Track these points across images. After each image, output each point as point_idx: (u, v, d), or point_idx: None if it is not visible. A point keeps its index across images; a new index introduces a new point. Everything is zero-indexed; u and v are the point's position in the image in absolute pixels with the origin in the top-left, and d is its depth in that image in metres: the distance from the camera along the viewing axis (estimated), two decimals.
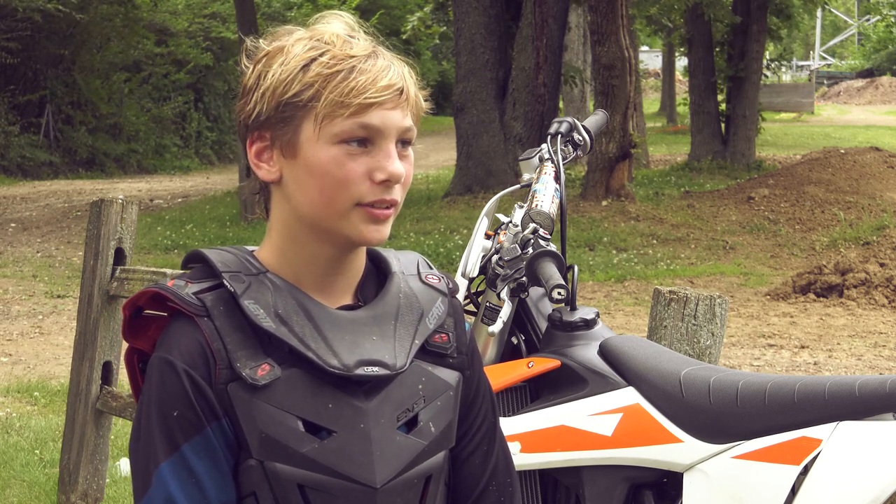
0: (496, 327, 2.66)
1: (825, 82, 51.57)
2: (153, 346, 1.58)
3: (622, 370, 2.56)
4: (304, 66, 1.53)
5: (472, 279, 2.75)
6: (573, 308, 2.68)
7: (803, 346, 8.76)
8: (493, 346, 2.76)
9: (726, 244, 13.59)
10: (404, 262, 1.69)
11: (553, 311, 2.71)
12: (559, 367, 2.61)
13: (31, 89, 23.14)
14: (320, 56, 1.54)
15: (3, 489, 5.15)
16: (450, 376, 1.65)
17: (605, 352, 2.60)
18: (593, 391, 2.56)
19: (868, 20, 55.41)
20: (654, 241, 13.50)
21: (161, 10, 25.96)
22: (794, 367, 8.10)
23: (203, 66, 26.44)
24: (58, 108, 23.56)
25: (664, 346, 2.86)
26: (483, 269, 2.74)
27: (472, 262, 2.74)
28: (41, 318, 9.92)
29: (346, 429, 1.54)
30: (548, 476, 2.65)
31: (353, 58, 1.54)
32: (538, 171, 2.91)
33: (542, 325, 2.75)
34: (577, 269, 2.74)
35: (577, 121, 3.06)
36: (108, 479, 4.95)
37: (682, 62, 33.26)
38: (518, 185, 3.00)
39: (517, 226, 2.73)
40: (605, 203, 14.63)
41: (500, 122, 15.90)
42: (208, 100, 27.61)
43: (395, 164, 1.55)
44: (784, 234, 14.01)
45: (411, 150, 1.59)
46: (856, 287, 10.49)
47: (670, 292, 2.99)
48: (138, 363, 1.62)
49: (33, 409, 6.76)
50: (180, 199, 18.47)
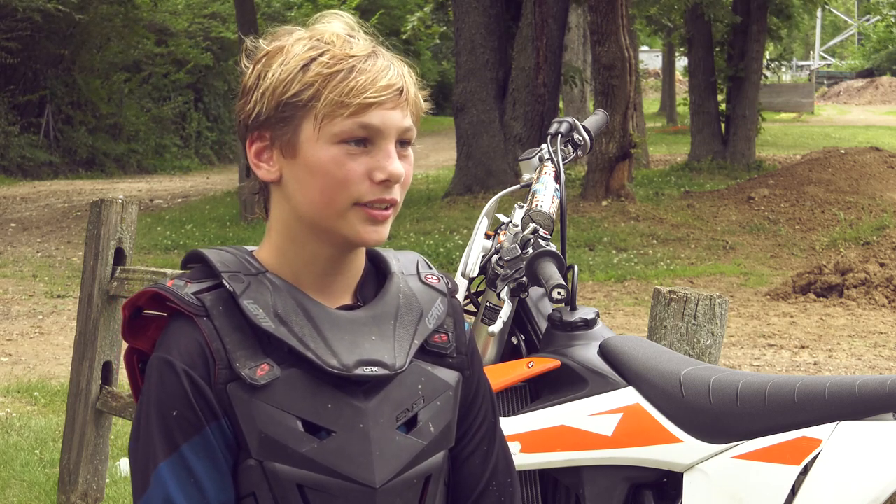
0: (496, 327, 2.66)
1: (825, 82, 51.57)
2: (153, 346, 1.58)
3: (622, 370, 2.56)
4: (304, 66, 1.53)
5: (472, 279, 2.75)
6: (573, 308, 2.68)
7: (803, 346, 8.76)
8: (493, 346, 2.76)
9: (726, 244, 13.59)
10: (404, 262, 1.68)
11: (553, 311, 2.71)
12: (559, 367, 2.61)
13: (31, 89, 23.14)
14: (320, 56, 1.54)
15: (3, 489, 5.14)
16: (449, 376, 1.65)
17: (605, 352, 2.60)
18: (593, 391, 2.56)
19: (868, 20, 55.41)
20: (654, 241, 13.50)
21: (161, 10, 25.96)
22: (794, 367, 8.10)
23: (203, 66, 26.44)
24: (58, 108, 23.56)
25: (664, 346, 2.86)
26: (483, 269, 2.74)
27: (472, 262, 2.74)
28: (41, 318, 9.92)
29: (346, 429, 1.54)
30: (548, 476, 2.65)
31: (353, 58, 1.54)
32: (538, 171, 2.91)
33: (542, 325, 2.75)
34: (577, 269, 2.74)
35: (577, 121, 3.06)
36: (108, 479, 4.95)
37: (682, 62, 33.26)
38: (518, 185, 2.99)
39: (517, 226, 2.73)
40: (605, 203, 14.63)
41: (500, 122, 15.90)
42: (208, 100, 27.61)
43: (395, 163, 1.55)
44: (784, 234, 14.01)
45: (411, 151, 1.59)
46: (856, 287, 10.49)
47: (670, 292, 2.99)
48: (138, 363, 1.62)
49: (33, 409, 6.76)
50: (180, 199, 18.47)
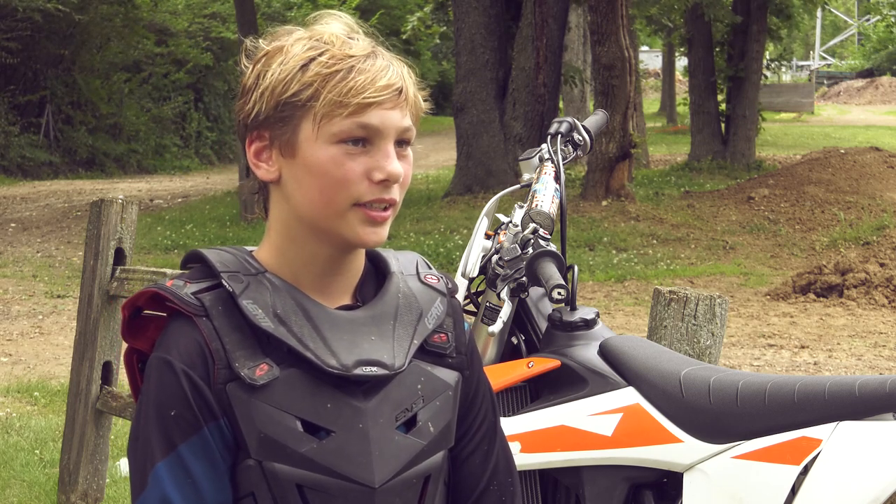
0: (496, 327, 2.66)
1: (825, 82, 51.57)
2: (152, 346, 1.58)
3: (622, 370, 2.56)
4: (303, 66, 1.53)
5: (472, 279, 2.75)
6: (573, 308, 2.68)
7: (803, 346, 8.76)
8: (493, 346, 2.76)
9: (726, 244, 13.59)
10: (403, 263, 1.68)
11: (553, 311, 2.71)
12: (559, 367, 2.61)
13: (31, 89, 23.14)
14: (319, 56, 1.54)
15: (3, 489, 5.14)
16: (449, 376, 1.65)
17: (605, 352, 2.60)
18: (593, 391, 2.56)
19: (868, 20, 55.41)
20: (654, 241, 13.50)
21: (161, 10, 25.96)
22: (794, 367, 8.10)
23: (203, 66, 26.44)
24: (58, 108, 23.56)
25: (664, 346, 2.86)
26: (483, 269, 2.74)
27: (472, 262, 2.74)
28: (41, 318, 9.92)
29: (345, 429, 1.54)
30: (548, 476, 2.64)
31: (352, 58, 1.54)
32: (538, 171, 2.91)
33: (542, 325, 2.75)
34: (577, 269, 2.74)
35: (577, 121, 3.06)
36: (108, 479, 4.95)
37: (682, 62, 33.25)
38: (518, 185, 2.99)
39: (517, 226, 2.73)
40: (605, 203, 14.63)
41: (500, 122, 15.90)
42: (208, 100, 27.61)
43: (394, 163, 1.55)
44: (784, 234, 14.01)
45: (410, 151, 1.59)
46: (856, 287, 10.48)
47: (670, 292, 2.98)
48: (138, 363, 1.62)
49: (33, 409, 6.76)
50: (180, 199, 18.47)
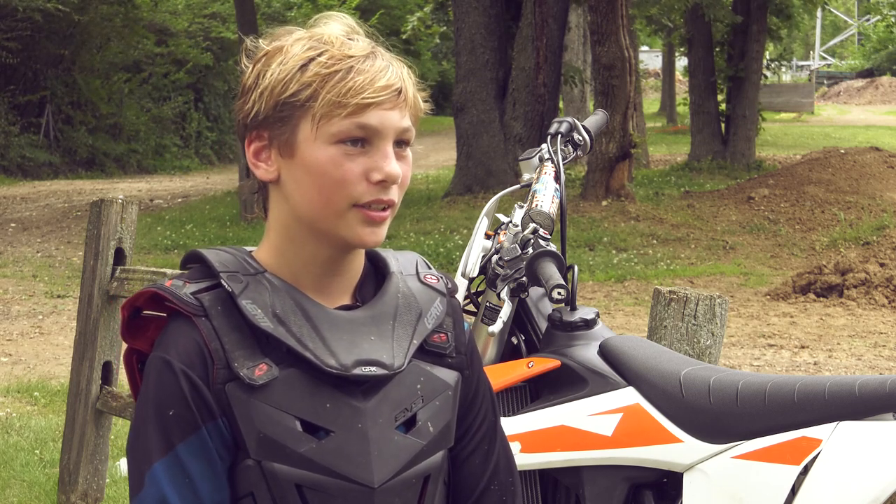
0: (496, 327, 2.66)
1: (825, 82, 51.57)
2: (152, 346, 1.57)
3: (622, 370, 2.56)
4: (303, 66, 1.53)
5: (472, 279, 2.75)
6: (573, 308, 2.68)
7: (803, 346, 8.76)
8: (493, 346, 2.76)
9: (726, 244, 13.59)
10: (403, 263, 1.68)
11: (553, 311, 2.70)
12: (559, 367, 2.61)
13: (31, 89, 23.14)
14: (318, 56, 1.54)
15: (3, 489, 5.14)
16: (448, 376, 1.65)
17: (605, 352, 2.60)
18: (593, 391, 2.56)
19: (868, 20, 55.42)
20: (654, 241, 13.50)
21: (161, 10, 25.96)
22: (794, 367, 8.10)
23: (203, 66, 26.45)
24: (58, 108, 23.56)
25: (664, 346, 2.86)
26: (483, 269, 2.74)
27: (472, 262, 2.74)
28: (41, 318, 9.92)
29: (344, 429, 1.54)
30: (548, 476, 2.64)
31: (352, 58, 1.54)
32: (538, 171, 2.90)
33: (542, 325, 2.75)
34: (577, 269, 2.74)
35: (577, 121, 3.06)
36: (108, 479, 4.95)
37: (682, 62, 33.25)
38: (518, 185, 2.99)
39: (517, 226, 2.73)
40: (605, 203, 14.63)
41: (500, 122, 15.90)
42: (208, 100, 27.61)
43: (392, 164, 1.54)
44: (784, 234, 14.00)
45: (409, 151, 1.59)
46: (856, 287, 10.48)
47: (670, 292, 2.98)
48: (137, 363, 1.62)
49: (33, 409, 6.76)
50: (180, 199, 18.47)
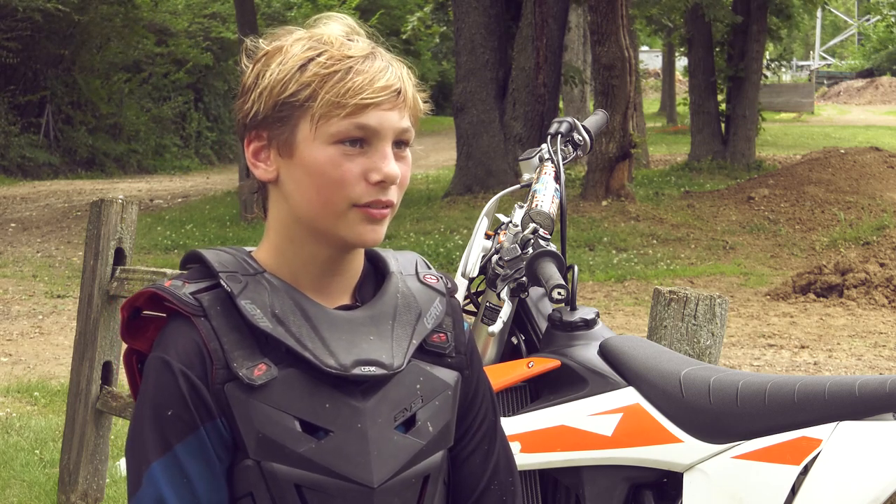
0: (496, 327, 2.66)
1: (825, 82, 51.57)
2: (152, 346, 1.57)
3: (622, 370, 2.56)
4: (302, 66, 1.53)
5: (472, 279, 2.75)
6: (573, 308, 2.67)
7: (803, 346, 8.76)
8: (493, 346, 2.76)
9: (726, 244, 13.59)
10: (402, 263, 1.68)
11: (553, 311, 2.70)
12: (559, 367, 2.60)
13: (31, 89, 23.14)
14: (318, 56, 1.54)
15: (3, 489, 5.14)
16: (448, 376, 1.65)
17: (605, 352, 2.60)
18: (593, 391, 2.56)
19: (868, 20, 55.43)
20: (654, 241, 13.50)
21: (161, 10, 25.97)
22: (794, 367, 8.10)
23: (203, 66, 26.45)
24: (58, 108, 23.56)
25: (664, 346, 2.86)
26: (483, 269, 2.74)
27: (472, 262, 2.74)
28: (41, 318, 9.92)
29: (344, 429, 1.54)
30: (548, 476, 2.64)
31: (351, 58, 1.54)
32: (538, 171, 2.91)
33: (542, 325, 2.75)
34: (577, 269, 2.74)
35: (577, 121, 3.06)
36: (108, 479, 4.95)
37: (682, 62, 33.25)
38: (518, 185, 2.99)
39: (517, 226, 2.73)
40: (605, 203, 14.63)
41: (500, 122, 15.90)
42: (208, 100, 27.61)
43: (391, 165, 1.54)
44: (784, 234, 14.00)
45: (409, 152, 1.59)
46: (856, 287, 10.48)
47: (670, 292, 2.98)
48: (137, 364, 1.62)
49: (33, 409, 6.75)
50: (180, 199, 18.47)
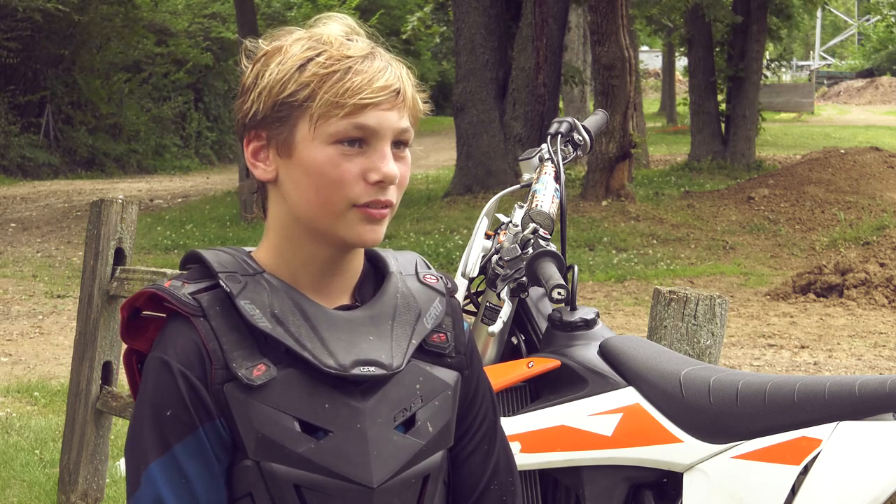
0: (496, 327, 2.66)
1: (825, 82, 51.57)
2: (151, 346, 1.57)
3: (622, 370, 2.56)
4: (301, 66, 1.53)
5: (472, 279, 2.75)
6: (573, 308, 2.67)
7: (803, 346, 8.76)
8: (493, 346, 2.76)
9: (726, 244, 13.59)
10: (402, 263, 1.68)
11: (553, 311, 2.70)
12: (559, 367, 2.60)
13: (31, 89, 23.14)
14: (317, 56, 1.54)
15: (3, 489, 5.14)
16: (448, 376, 1.65)
17: (605, 352, 2.60)
18: (593, 391, 2.56)
19: (868, 20, 55.44)
20: (654, 241, 13.50)
21: (161, 10, 25.97)
22: (794, 367, 8.10)
23: (203, 66, 26.45)
24: (58, 108, 23.56)
25: (664, 346, 2.86)
26: (483, 269, 2.74)
27: (472, 262, 2.74)
28: (41, 318, 9.92)
29: (343, 429, 1.54)
30: (548, 476, 2.64)
31: (350, 58, 1.54)
32: (538, 171, 2.91)
33: (542, 325, 2.75)
34: (577, 269, 2.74)
35: (577, 121, 3.06)
36: (108, 479, 4.95)
37: (682, 62, 33.25)
38: (518, 185, 2.99)
39: (517, 226, 2.73)
40: (605, 203, 14.63)
41: (500, 122, 15.90)
42: (208, 100, 27.62)
43: (390, 165, 1.54)
44: (784, 234, 14.00)
45: (408, 152, 1.59)
46: (856, 287, 10.48)
47: (670, 292, 2.98)
48: (137, 364, 1.62)
49: (33, 409, 6.75)
50: (180, 199, 18.47)
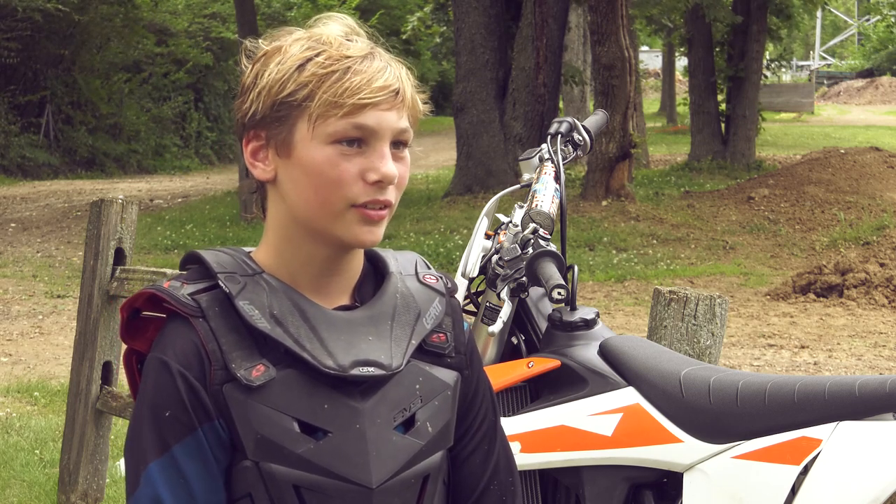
0: (496, 327, 2.66)
1: (825, 82, 51.57)
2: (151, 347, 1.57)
3: (622, 370, 2.56)
4: (300, 66, 1.53)
5: (472, 279, 2.75)
6: (573, 308, 2.67)
7: (803, 346, 8.75)
8: (493, 346, 2.76)
9: (726, 244, 13.59)
10: (402, 263, 1.68)
11: (553, 311, 2.70)
12: (559, 367, 2.60)
13: (31, 89, 23.14)
14: (316, 56, 1.54)
15: (3, 489, 5.14)
16: (448, 376, 1.65)
17: (605, 352, 2.60)
18: (593, 391, 2.56)
19: (868, 20, 55.45)
20: (654, 241, 13.49)
21: (161, 10, 25.97)
22: (794, 367, 8.10)
23: (203, 66, 26.45)
24: (58, 108, 23.56)
25: (664, 346, 2.86)
26: (483, 269, 2.74)
27: (472, 262, 2.74)
28: (41, 318, 9.92)
29: (342, 429, 1.54)
30: (548, 476, 2.64)
31: (349, 58, 1.54)
32: (538, 171, 2.91)
33: (542, 325, 2.75)
34: (577, 269, 2.74)
35: (577, 121, 3.06)
36: (108, 479, 4.95)
37: (682, 62, 33.25)
38: (518, 185, 2.99)
39: (517, 226, 2.73)
40: (605, 203, 14.63)
41: (500, 122, 15.90)
42: (208, 100, 27.62)
43: (389, 165, 1.54)
44: (784, 234, 14.00)
45: (407, 152, 1.59)
46: (856, 287, 10.48)
47: (670, 292, 2.98)
48: (137, 364, 1.62)
49: (33, 409, 6.75)
50: (180, 199, 18.47)
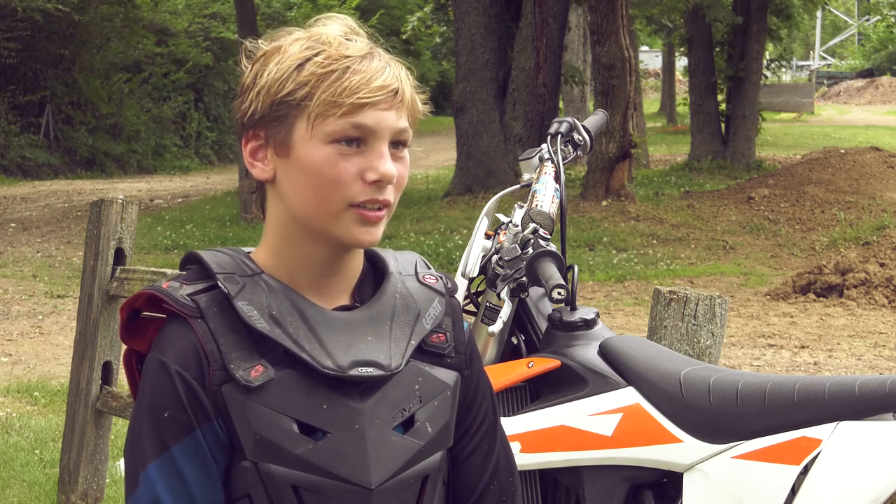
0: (496, 327, 2.66)
1: (825, 82, 51.58)
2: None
3: (622, 370, 2.56)
4: (299, 66, 1.53)
5: (472, 279, 2.75)
6: (573, 308, 2.67)
7: (803, 346, 8.75)
8: (493, 346, 2.76)
9: (726, 244, 13.59)
10: (402, 263, 1.68)
11: (553, 311, 2.70)
12: (559, 367, 2.61)
13: (31, 89, 23.14)
14: (315, 56, 1.54)
15: (3, 489, 5.14)
16: (447, 376, 1.65)
17: (605, 352, 2.60)
18: (593, 391, 2.56)
19: (868, 20, 55.46)
20: (654, 241, 13.50)
21: (161, 10, 25.97)
22: (794, 367, 8.10)
23: (203, 66, 26.45)
24: (58, 108, 23.56)
25: (664, 346, 2.86)
26: (483, 269, 2.74)
27: (472, 262, 2.74)
28: (41, 318, 9.92)
29: (341, 430, 1.54)
30: (548, 476, 2.64)
31: (348, 58, 1.54)
32: (538, 171, 2.91)
33: (542, 325, 2.75)
34: (577, 269, 2.74)
35: (577, 121, 3.06)
36: (108, 479, 4.95)
37: (682, 62, 33.25)
38: (518, 185, 2.99)
39: (517, 226, 2.73)
40: (605, 203, 14.63)
41: (500, 122, 15.90)
42: (208, 100, 27.62)
43: (387, 164, 1.54)
44: (784, 234, 14.00)
45: (406, 152, 1.59)
46: (856, 287, 10.48)
47: (670, 292, 2.98)
48: (137, 364, 1.62)
49: (33, 409, 6.75)
50: (180, 199, 18.47)
